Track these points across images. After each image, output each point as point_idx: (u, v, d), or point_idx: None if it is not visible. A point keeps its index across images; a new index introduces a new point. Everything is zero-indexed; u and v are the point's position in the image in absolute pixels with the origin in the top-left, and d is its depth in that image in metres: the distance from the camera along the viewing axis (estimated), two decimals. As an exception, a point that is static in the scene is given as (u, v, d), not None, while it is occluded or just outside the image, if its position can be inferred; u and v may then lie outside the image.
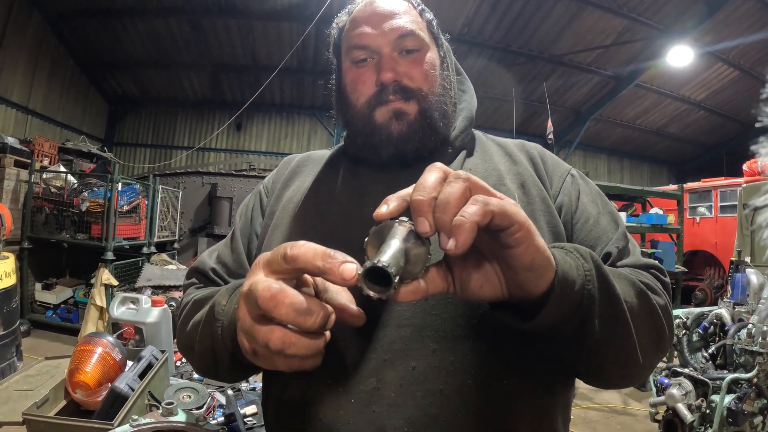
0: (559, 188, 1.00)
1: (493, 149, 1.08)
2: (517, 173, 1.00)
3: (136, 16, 11.55)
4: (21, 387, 1.89)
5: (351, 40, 1.02)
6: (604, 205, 1.01)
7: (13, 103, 10.68)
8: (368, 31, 0.99)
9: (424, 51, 1.00)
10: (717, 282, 10.11)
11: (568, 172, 1.05)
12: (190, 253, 9.29)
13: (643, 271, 0.87)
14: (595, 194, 1.03)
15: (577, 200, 0.98)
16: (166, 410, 1.14)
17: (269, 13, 11.25)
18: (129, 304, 2.73)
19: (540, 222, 0.92)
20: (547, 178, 1.01)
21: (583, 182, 1.05)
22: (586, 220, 0.95)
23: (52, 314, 6.83)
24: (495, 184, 0.95)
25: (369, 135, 0.99)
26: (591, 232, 0.94)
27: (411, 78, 0.98)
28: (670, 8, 10.74)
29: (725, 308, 3.62)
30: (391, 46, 0.98)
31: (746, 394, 3.01)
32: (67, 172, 7.06)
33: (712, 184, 10.80)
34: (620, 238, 0.93)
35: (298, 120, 15.24)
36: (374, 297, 0.55)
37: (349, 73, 1.03)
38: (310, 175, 1.10)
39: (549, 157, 1.08)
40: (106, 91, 14.46)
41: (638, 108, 14.97)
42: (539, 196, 0.96)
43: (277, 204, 1.06)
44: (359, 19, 1.01)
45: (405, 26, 0.98)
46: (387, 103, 0.97)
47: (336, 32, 1.09)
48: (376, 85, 0.97)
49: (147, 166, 14.17)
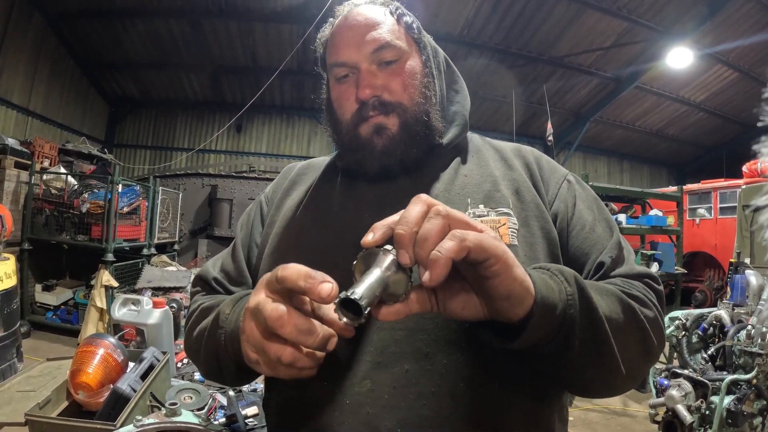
0: (555, 194, 1.00)
1: (489, 154, 1.08)
2: (512, 179, 1.00)
3: (137, 18, 11.59)
4: (23, 388, 1.89)
5: (331, 57, 1.02)
6: (600, 212, 1.01)
7: (13, 105, 10.70)
8: (345, 47, 0.99)
9: (403, 60, 1.00)
10: (716, 283, 10.11)
11: (564, 177, 1.04)
12: (190, 254, 9.29)
13: (635, 280, 0.88)
14: (591, 200, 1.03)
15: (573, 207, 0.98)
16: (170, 411, 1.15)
17: (269, 14, 11.28)
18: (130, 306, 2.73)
19: (533, 228, 0.93)
20: (542, 184, 1.01)
21: (580, 188, 1.05)
22: (582, 227, 0.96)
23: (53, 315, 6.82)
24: (490, 190, 0.97)
25: (354, 150, 1.00)
26: (586, 240, 0.94)
27: (390, 91, 0.98)
28: (670, 10, 10.76)
29: (725, 309, 3.62)
30: (368, 61, 0.98)
31: (746, 395, 3.01)
32: (67, 173, 7.05)
33: (712, 185, 10.80)
34: (614, 246, 0.93)
35: (298, 122, 15.26)
36: (348, 323, 0.61)
37: (333, 89, 1.04)
38: (309, 184, 1.11)
39: (545, 162, 1.07)
40: (107, 92, 14.49)
41: (638, 109, 14.99)
42: (533, 202, 0.96)
43: (277, 214, 1.08)
44: (337, 35, 1.02)
45: (381, 38, 0.97)
46: (368, 119, 0.97)
47: (321, 47, 1.09)
48: (356, 102, 0.98)
49: (147, 167, 14.20)
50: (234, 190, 9.24)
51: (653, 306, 0.84)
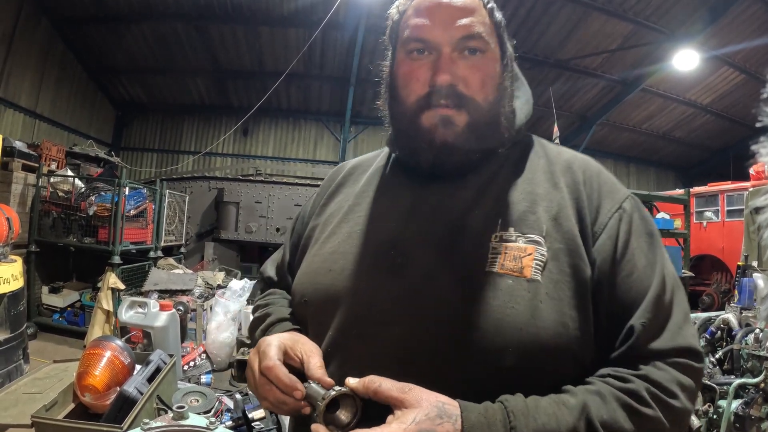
0: (604, 225, 0.88)
1: (539, 165, 0.98)
2: (554, 201, 0.90)
3: (143, 22, 11.64)
4: (29, 390, 1.90)
5: (410, 29, 0.94)
6: (652, 251, 0.88)
7: (21, 108, 10.76)
8: (431, 24, 0.91)
9: (487, 56, 0.93)
10: (724, 287, 10.03)
11: (620, 205, 0.91)
12: (196, 257, 9.31)
13: (669, 365, 0.78)
14: (647, 236, 0.89)
15: (624, 246, 0.86)
16: (177, 414, 1.15)
17: (276, 18, 11.30)
18: (137, 308, 2.75)
19: (563, 264, 0.83)
20: (589, 210, 0.89)
21: (638, 218, 0.91)
22: (630, 273, 0.84)
23: (59, 317, 6.84)
24: (524, 212, 0.88)
25: (412, 138, 0.95)
26: (630, 291, 0.83)
27: (467, 84, 0.90)
28: (676, 12, 10.71)
29: (732, 313, 3.60)
30: (452, 45, 0.90)
31: (753, 399, 2.99)
32: (74, 176, 7.09)
33: (719, 188, 10.74)
34: (651, 305, 0.81)
35: (304, 125, 15.27)
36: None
37: (402, 65, 0.96)
38: (351, 188, 1.10)
39: (599, 182, 0.94)
40: (114, 96, 14.55)
41: (644, 112, 14.91)
42: (571, 232, 0.86)
43: (319, 218, 1.09)
44: (422, 8, 0.93)
45: (473, 26, 0.90)
46: (437, 107, 0.90)
47: (396, 15, 1.00)
48: (429, 86, 0.91)
49: (154, 170, 14.24)
50: (240, 193, 9.26)
51: (682, 394, 0.76)
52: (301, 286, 1.00)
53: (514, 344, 0.78)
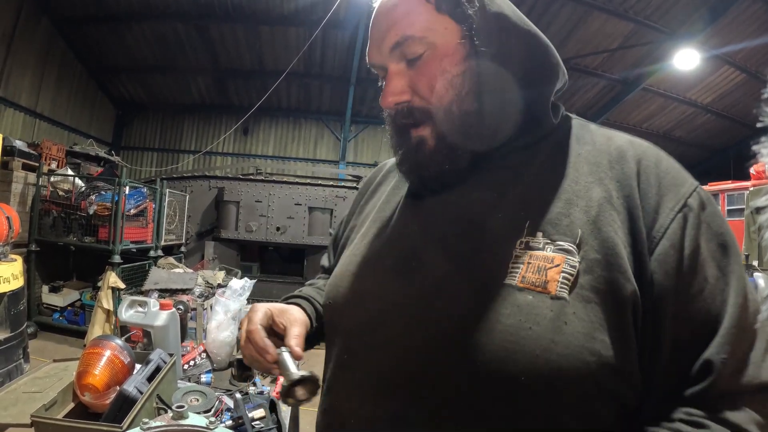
0: (665, 229, 0.70)
1: (582, 155, 0.81)
2: (594, 200, 0.74)
3: (144, 22, 11.65)
4: (29, 389, 1.89)
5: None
6: (726, 260, 0.70)
7: (21, 107, 10.77)
8: (371, 46, 0.88)
9: (430, 52, 0.81)
10: (724, 286, 10.01)
11: (685, 200, 0.72)
12: (197, 256, 9.30)
13: (752, 397, 0.65)
14: (720, 241, 0.71)
15: (692, 254, 0.68)
16: (177, 414, 1.15)
17: (276, 17, 11.30)
18: (137, 307, 2.73)
19: (599, 279, 0.68)
20: (642, 208, 0.72)
21: (709, 216, 0.72)
22: (700, 290, 0.67)
23: (59, 317, 6.84)
24: (559, 213, 0.74)
25: (399, 163, 0.92)
26: (700, 313, 0.67)
27: (420, 94, 0.82)
28: (677, 12, 10.71)
29: (733, 313, 3.59)
30: (394, 60, 0.84)
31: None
32: (74, 175, 7.08)
33: (719, 187, 10.72)
34: (731, 331, 0.65)
35: (304, 124, 15.28)
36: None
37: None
38: (385, 187, 1.07)
39: (658, 173, 0.75)
40: (114, 95, 14.56)
41: (645, 112, 14.91)
42: (610, 241, 0.70)
43: (358, 218, 1.09)
44: (370, 32, 0.88)
45: (399, 32, 0.81)
46: (406, 129, 0.86)
47: None
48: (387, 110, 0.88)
49: (154, 169, 14.25)
50: (241, 192, 9.24)
51: None
52: (327, 287, 0.99)
53: (527, 373, 0.66)
